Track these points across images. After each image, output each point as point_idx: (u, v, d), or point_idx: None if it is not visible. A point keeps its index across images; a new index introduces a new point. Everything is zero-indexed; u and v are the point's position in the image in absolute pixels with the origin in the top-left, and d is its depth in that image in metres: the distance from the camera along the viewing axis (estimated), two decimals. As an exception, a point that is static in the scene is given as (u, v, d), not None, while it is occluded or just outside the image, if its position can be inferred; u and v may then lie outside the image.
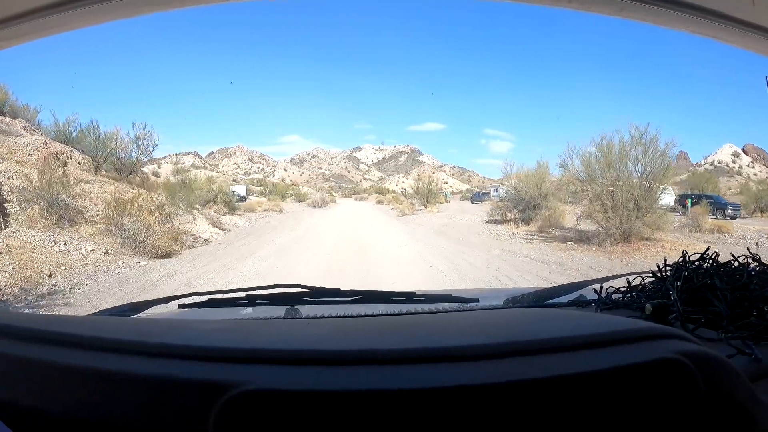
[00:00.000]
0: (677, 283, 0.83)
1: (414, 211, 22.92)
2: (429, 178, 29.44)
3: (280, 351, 0.48)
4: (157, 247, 7.93)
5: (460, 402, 0.41)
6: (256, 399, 0.41)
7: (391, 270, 6.94)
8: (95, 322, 0.76)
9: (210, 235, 10.95)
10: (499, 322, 0.69)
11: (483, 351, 0.46)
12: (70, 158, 12.41)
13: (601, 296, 0.94)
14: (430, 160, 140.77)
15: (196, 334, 0.60)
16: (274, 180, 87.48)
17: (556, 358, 0.46)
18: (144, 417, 0.44)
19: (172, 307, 1.03)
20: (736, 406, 0.46)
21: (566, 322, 0.61)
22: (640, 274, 0.97)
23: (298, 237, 11.59)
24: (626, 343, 0.48)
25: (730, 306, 0.76)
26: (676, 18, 0.83)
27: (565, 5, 0.85)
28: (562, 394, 0.42)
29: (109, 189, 11.01)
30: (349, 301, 0.97)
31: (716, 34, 0.85)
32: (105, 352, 0.50)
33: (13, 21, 0.78)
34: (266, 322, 0.87)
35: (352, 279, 6.01)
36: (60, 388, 0.48)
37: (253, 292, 0.98)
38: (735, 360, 0.56)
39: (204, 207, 16.00)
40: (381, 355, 0.47)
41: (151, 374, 0.46)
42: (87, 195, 10.12)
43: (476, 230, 13.87)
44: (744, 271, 0.84)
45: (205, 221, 12.19)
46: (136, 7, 0.85)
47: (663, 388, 0.43)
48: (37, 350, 0.51)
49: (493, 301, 1.06)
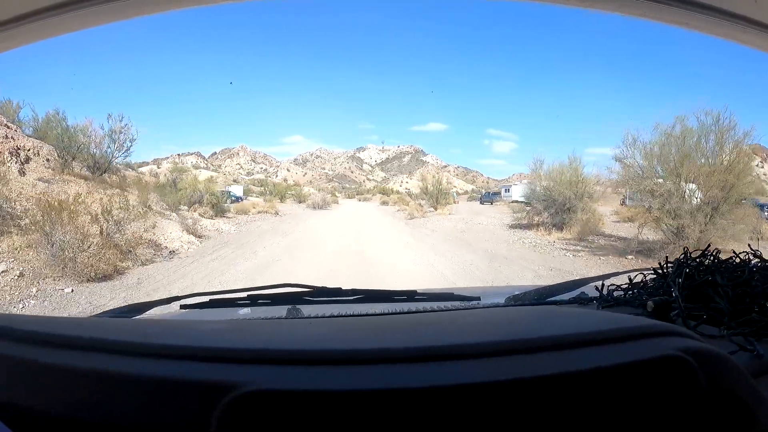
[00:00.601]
0: (679, 280, 0.85)
1: (423, 213, 20.62)
2: (438, 177, 26.86)
3: (283, 351, 0.49)
4: (91, 267, 6.33)
5: (463, 400, 0.42)
6: (259, 399, 0.42)
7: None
8: (96, 323, 0.79)
9: (180, 245, 9.49)
10: (501, 320, 0.72)
11: (485, 349, 0.48)
12: (37, 154, 11.39)
13: (602, 293, 0.96)
14: (434, 161, 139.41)
15: (197, 335, 0.62)
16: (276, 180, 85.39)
17: (558, 355, 0.47)
18: (146, 418, 0.45)
19: (174, 307, 1.05)
20: (738, 402, 0.48)
21: (568, 320, 0.63)
22: (642, 271, 1.00)
23: (289, 247, 9.75)
24: (628, 340, 0.50)
25: (731, 302, 0.79)
26: (678, 14, 0.87)
27: (564, 2, 0.89)
28: (564, 391, 0.43)
29: (72, 189, 9.91)
30: (350, 300, 1.00)
31: (717, 30, 0.89)
32: (106, 354, 0.51)
33: (13, 23, 0.80)
34: (268, 322, 0.90)
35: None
36: (61, 389, 0.49)
37: (254, 292, 1.01)
38: (737, 357, 0.59)
39: (189, 209, 15.11)
40: (384, 354, 0.48)
41: (152, 375, 0.47)
42: (33, 197, 8.65)
43: (503, 237, 12.78)
44: (745, 268, 0.87)
45: (180, 227, 9.83)
46: (136, 8, 0.87)
47: (665, 385, 0.45)
48: (38, 352, 0.52)
49: (494, 299, 1.09)
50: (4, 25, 0.78)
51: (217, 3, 0.90)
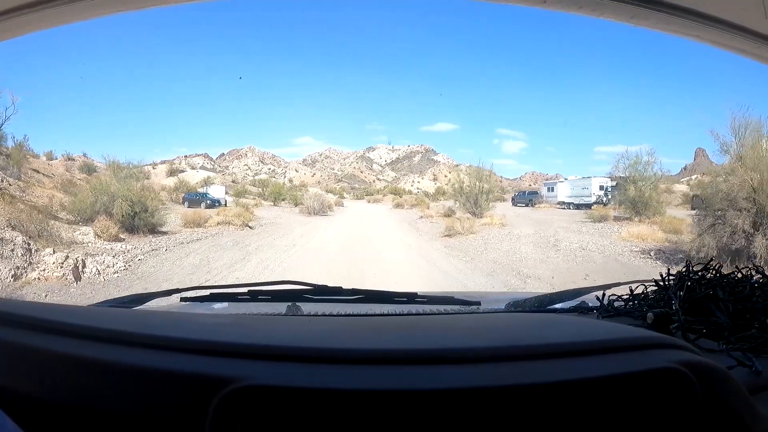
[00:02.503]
0: (680, 293, 0.84)
1: (470, 227, 12.69)
2: (480, 171, 18.91)
3: (280, 348, 0.49)
4: None
5: (457, 405, 0.42)
6: (255, 394, 0.42)
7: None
8: (97, 312, 0.79)
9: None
10: (501, 325, 0.71)
11: (483, 354, 0.48)
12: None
13: (603, 303, 0.95)
14: (446, 160, 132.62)
15: (196, 328, 0.61)
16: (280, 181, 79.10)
17: (556, 363, 0.47)
18: (143, 408, 0.45)
19: (174, 299, 1.05)
20: (734, 417, 0.47)
21: (567, 328, 0.63)
22: (643, 282, 0.98)
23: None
24: (626, 351, 0.50)
25: (731, 317, 0.77)
26: (686, 26, 0.85)
27: (575, 10, 0.88)
28: (560, 399, 0.43)
29: None
30: (350, 300, 0.98)
31: (727, 42, 0.87)
32: (106, 343, 0.51)
33: (14, 12, 0.80)
34: (267, 318, 0.87)
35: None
36: (60, 377, 0.49)
37: (255, 287, 1.00)
38: (735, 372, 0.58)
39: (87, 224, 10.38)
40: (382, 355, 0.48)
41: (150, 366, 0.47)
42: None
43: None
44: (747, 283, 0.85)
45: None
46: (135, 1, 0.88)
47: (662, 397, 0.45)
48: (38, 339, 0.53)
49: (494, 305, 1.08)
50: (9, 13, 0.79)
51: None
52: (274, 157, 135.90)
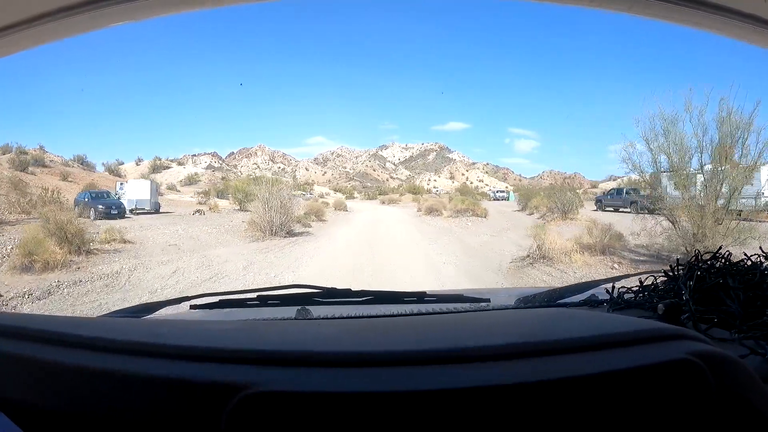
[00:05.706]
0: (690, 283, 0.82)
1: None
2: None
3: (292, 352, 0.48)
4: None
5: (475, 404, 0.42)
6: (268, 400, 0.42)
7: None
8: (107, 323, 0.77)
9: None
10: (512, 322, 0.70)
11: (496, 352, 0.47)
12: None
13: (613, 296, 0.93)
14: (461, 158, 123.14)
15: (207, 335, 0.61)
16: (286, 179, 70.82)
17: (569, 359, 0.47)
18: (156, 417, 0.45)
19: (184, 308, 1.03)
20: (748, 406, 0.47)
21: (578, 323, 0.62)
22: (653, 273, 0.96)
23: None
24: (638, 343, 0.49)
25: (743, 305, 0.75)
26: (687, 14, 0.84)
27: (571, 2, 0.86)
28: (574, 395, 0.43)
29: None
30: (360, 301, 0.97)
31: (730, 30, 0.85)
32: (116, 354, 0.51)
33: (24, 25, 0.77)
34: (277, 322, 0.87)
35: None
36: (72, 388, 0.49)
37: (264, 292, 0.99)
38: (748, 360, 0.57)
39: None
40: (396, 357, 0.47)
41: (162, 375, 0.46)
42: None
43: None
44: (757, 270, 0.83)
45: None
46: (151, 9, 0.84)
47: (675, 388, 0.45)
48: (50, 351, 0.52)
49: (504, 302, 1.04)
50: (19, 26, 0.76)
51: (236, 3, 0.87)
52: (284, 155, 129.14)
